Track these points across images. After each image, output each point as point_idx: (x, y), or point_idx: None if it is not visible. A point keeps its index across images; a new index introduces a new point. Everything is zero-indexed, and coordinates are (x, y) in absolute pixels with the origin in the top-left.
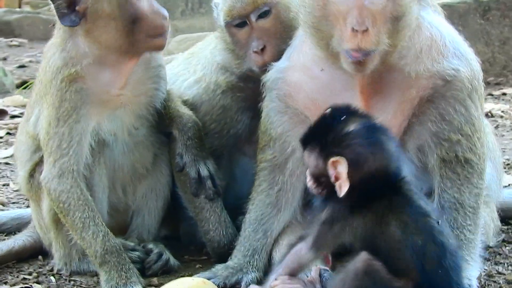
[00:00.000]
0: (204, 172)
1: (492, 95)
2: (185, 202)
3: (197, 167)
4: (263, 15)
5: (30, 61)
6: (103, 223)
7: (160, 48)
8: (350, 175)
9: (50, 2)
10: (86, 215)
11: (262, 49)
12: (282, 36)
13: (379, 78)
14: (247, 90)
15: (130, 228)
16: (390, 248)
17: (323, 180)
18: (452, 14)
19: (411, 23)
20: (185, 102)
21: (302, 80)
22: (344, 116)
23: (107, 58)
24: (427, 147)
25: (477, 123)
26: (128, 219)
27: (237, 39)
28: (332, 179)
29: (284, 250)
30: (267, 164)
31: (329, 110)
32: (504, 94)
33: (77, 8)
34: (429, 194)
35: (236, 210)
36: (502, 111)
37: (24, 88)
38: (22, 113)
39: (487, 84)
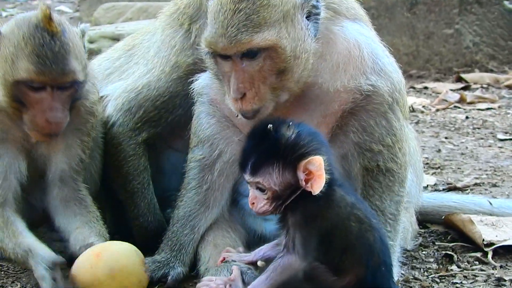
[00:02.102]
0: None
1: (414, 88)
2: (116, 186)
3: None
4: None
5: None
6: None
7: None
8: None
9: None
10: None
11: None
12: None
13: (301, 94)
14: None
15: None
16: (347, 243)
17: (286, 193)
18: (380, 6)
19: (304, 63)
20: (133, 89)
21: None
22: (288, 124)
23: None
24: (351, 156)
25: (399, 133)
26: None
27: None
28: (302, 182)
29: (210, 247)
30: (197, 163)
31: (270, 126)
32: (426, 88)
33: None
34: None
35: (163, 202)
36: (423, 106)
37: None
38: None
39: (410, 76)
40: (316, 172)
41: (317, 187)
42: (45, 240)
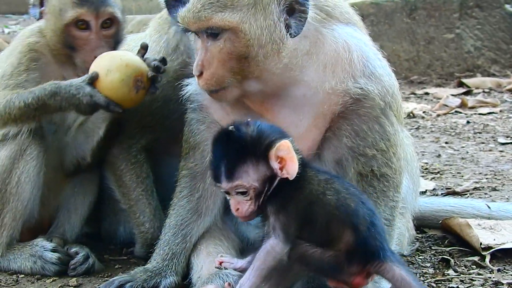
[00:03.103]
0: None
1: (415, 94)
2: (119, 195)
3: None
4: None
5: None
6: None
7: None
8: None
9: None
10: None
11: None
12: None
13: (286, 92)
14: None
15: (54, 224)
16: (327, 214)
17: (266, 186)
18: (379, 12)
19: (271, 54)
20: None
21: None
22: (246, 122)
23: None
24: (345, 160)
25: (393, 138)
26: (53, 213)
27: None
28: (277, 171)
29: (202, 256)
30: (189, 171)
31: (231, 127)
32: (427, 93)
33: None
34: None
35: (162, 210)
36: (424, 112)
37: None
38: None
39: (411, 82)
40: (287, 156)
41: (292, 170)
42: None
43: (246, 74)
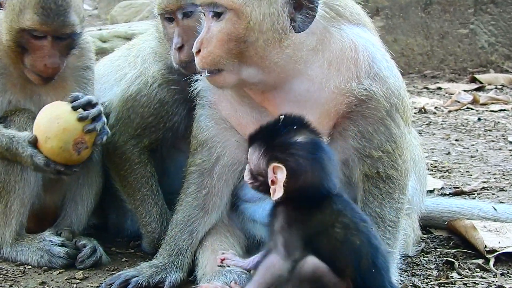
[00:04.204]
0: None
1: (427, 88)
2: (124, 195)
3: None
4: (188, 14)
5: None
6: None
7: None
8: (285, 183)
9: None
10: None
11: (180, 48)
12: None
13: (289, 86)
14: (182, 83)
15: (61, 216)
16: (332, 248)
17: (260, 179)
18: (394, 5)
19: (273, 42)
20: (128, 97)
21: (226, 91)
22: (295, 126)
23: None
24: (351, 161)
25: (399, 140)
26: (59, 205)
27: (166, 31)
28: (269, 181)
29: (208, 253)
30: (196, 168)
31: (282, 116)
32: (440, 88)
33: None
34: None
35: (169, 204)
36: (436, 107)
37: None
38: None
39: (424, 76)
40: (276, 181)
41: (273, 194)
42: None
43: (244, 58)
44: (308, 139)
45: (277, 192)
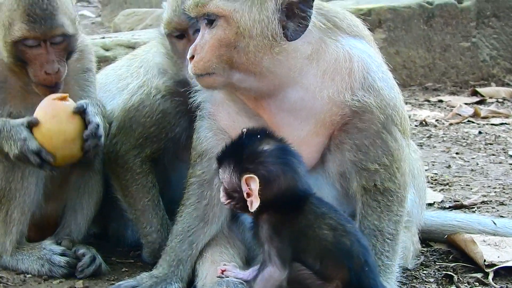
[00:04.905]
0: None
1: (429, 101)
2: (125, 205)
3: None
4: (199, 29)
5: None
6: None
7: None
8: (260, 192)
9: None
10: None
11: None
12: None
13: (283, 94)
14: (185, 95)
15: (61, 225)
16: (323, 251)
17: (235, 195)
18: (397, 18)
19: (263, 48)
20: (131, 107)
21: (224, 102)
22: (259, 137)
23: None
24: (348, 174)
25: (396, 153)
26: (59, 213)
27: (176, 48)
28: (245, 195)
29: (208, 263)
30: (196, 179)
31: (244, 130)
32: (441, 101)
33: None
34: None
35: (170, 214)
36: (436, 120)
37: None
38: None
39: (425, 89)
40: (251, 192)
41: (251, 205)
42: None
43: (235, 64)
44: (274, 146)
45: (254, 202)
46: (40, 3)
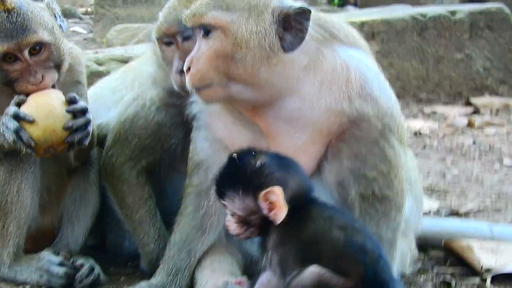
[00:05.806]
0: None
1: (423, 112)
2: (122, 216)
3: None
4: (188, 37)
5: None
6: None
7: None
8: (285, 199)
9: None
10: None
11: (182, 71)
12: None
13: (280, 103)
14: (180, 106)
15: (58, 237)
16: (336, 251)
17: (252, 219)
18: (390, 30)
19: (260, 59)
20: (126, 119)
21: (220, 112)
22: (253, 153)
23: None
24: (346, 182)
25: (394, 160)
26: (56, 225)
27: (164, 55)
28: (266, 211)
29: (207, 272)
30: (193, 189)
31: (234, 155)
32: (435, 112)
33: None
34: None
35: (167, 224)
36: (431, 131)
37: None
38: None
39: (419, 100)
40: (276, 203)
41: (277, 217)
42: None
43: (232, 75)
44: (269, 157)
45: (279, 213)
46: (9, 17)
